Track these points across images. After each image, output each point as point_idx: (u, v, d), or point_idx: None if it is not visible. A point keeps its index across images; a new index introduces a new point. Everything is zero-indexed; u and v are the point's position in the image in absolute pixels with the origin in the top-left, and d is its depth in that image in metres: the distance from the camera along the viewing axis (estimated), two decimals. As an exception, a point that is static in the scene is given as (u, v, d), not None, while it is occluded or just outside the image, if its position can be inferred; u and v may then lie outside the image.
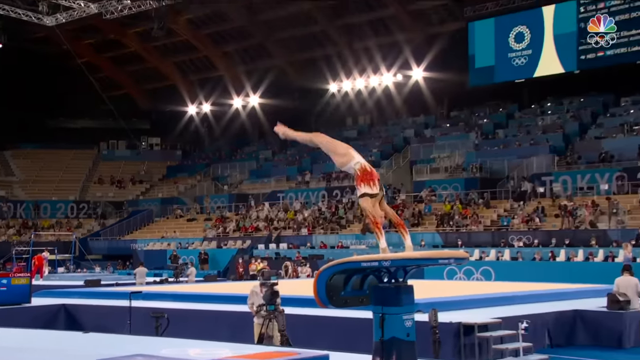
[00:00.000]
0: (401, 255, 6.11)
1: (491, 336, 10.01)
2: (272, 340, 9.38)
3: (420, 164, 35.94)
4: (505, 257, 24.93)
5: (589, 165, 30.28)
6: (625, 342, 11.88)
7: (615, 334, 12.01)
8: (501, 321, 10.47)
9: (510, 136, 35.65)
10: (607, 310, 12.35)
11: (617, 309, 12.13)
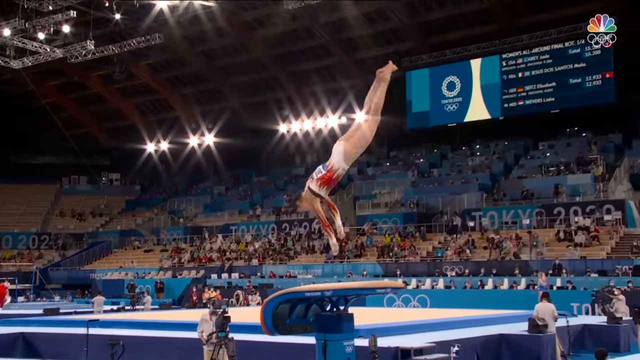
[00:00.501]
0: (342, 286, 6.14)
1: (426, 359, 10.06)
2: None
3: (362, 199, 36.22)
4: (439, 285, 25.17)
5: (512, 202, 31.03)
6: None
7: (535, 355, 12.24)
8: (435, 345, 10.55)
9: (443, 175, 36.32)
10: (528, 334, 12.59)
11: (537, 333, 12.39)
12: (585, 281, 22.60)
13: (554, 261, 24.63)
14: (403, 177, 37.19)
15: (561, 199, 29.52)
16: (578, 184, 29.84)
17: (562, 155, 33.49)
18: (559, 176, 31.12)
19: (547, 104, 32.86)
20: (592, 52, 31.55)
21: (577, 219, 27.69)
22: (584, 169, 30.94)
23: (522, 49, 33.49)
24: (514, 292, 22.89)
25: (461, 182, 34.21)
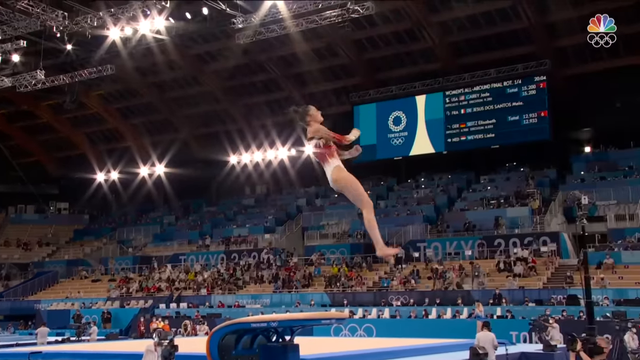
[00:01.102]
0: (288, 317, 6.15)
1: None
2: (168, 397, 9.02)
3: (311, 230, 36.26)
4: (385, 315, 25.25)
5: (455, 233, 31.57)
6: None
7: (477, 384, 12.39)
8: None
9: (390, 207, 36.73)
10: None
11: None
12: (524, 310, 23.07)
13: (494, 291, 25.09)
14: (350, 209, 37.35)
15: (501, 231, 30.20)
16: (517, 216, 30.62)
17: (502, 189, 34.39)
18: (499, 209, 31.87)
19: (488, 140, 33.85)
20: (528, 92, 32.78)
21: (515, 250, 28.35)
22: (522, 202, 31.81)
23: (464, 87, 34.51)
24: (456, 322, 23.15)
25: (406, 213, 34.64)
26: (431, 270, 28.56)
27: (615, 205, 29.26)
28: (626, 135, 32.58)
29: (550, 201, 31.58)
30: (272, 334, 6.07)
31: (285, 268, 32.71)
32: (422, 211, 34.43)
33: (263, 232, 37.47)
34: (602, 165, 33.21)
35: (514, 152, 35.11)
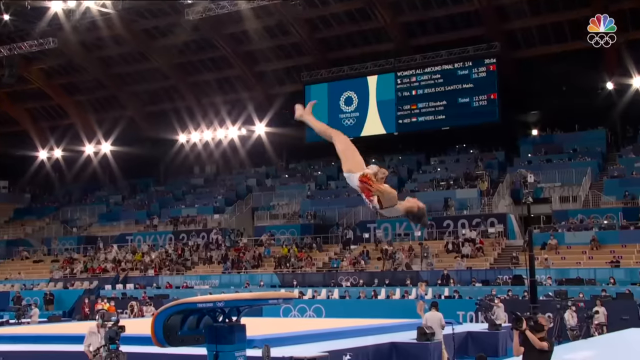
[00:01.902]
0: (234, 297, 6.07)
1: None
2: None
3: (261, 210, 36.11)
4: (334, 295, 25.44)
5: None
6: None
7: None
8: (328, 355, 10.61)
9: (340, 187, 36.85)
10: (416, 342, 12.96)
11: (424, 341, 12.78)
12: (471, 290, 23.59)
13: (442, 271, 25.55)
14: (301, 189, 37.45)
15: (450, 212, 30.71)
16: (465, 198, 31.19)
17: (451, 170, 34.91)
18: (449, 190, 32.38)
19: (439, 121, 34.22)
20: (478, 74, 33.22)
21: (464, 232, 28.90)
22: (471, 184, 32.39)
23: (416, 68, 34.72)
24: (405, 302, 23.48)
25: (357, 194, 34.64)
26: (381, 251, 28.86)
27: (559, 187, 30.10)
28: (571, 119, 33.48)
29: (498, 183, 32.26)
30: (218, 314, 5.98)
31: (235, 249, 32.54)
32: (372, 192, 34.57)
33: (212, 213, 37.13)
34: (548, 147, 34.07)
35: (464, 134, 35.64)
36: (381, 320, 18.02)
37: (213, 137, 40.57)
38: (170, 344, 5.98)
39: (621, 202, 27.98)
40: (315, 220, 33.60)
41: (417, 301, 19.00)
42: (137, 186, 45.53)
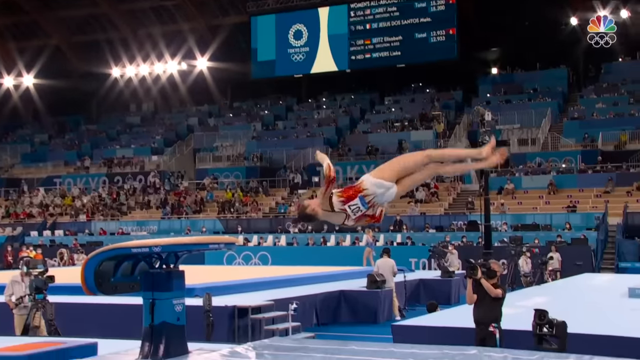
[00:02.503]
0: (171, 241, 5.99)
1: (263, 318, 10.21)
2: (38, 330, 8.74)
3: (203, 152, 35.72)
4: (281, 242, 25.60)
5: (357, 157, 32.13)
6: (380, 317, 12.82)
7: (372, 311, 12.91)
8: (273, 303, 10.71)
9: (289, 128, 36.70)
10: (366, 290, 13.21)
11: (375, 288, 13.03)
12: (424, 237, 24.10)
13: (395, 217, 25.95)
14: (246, 129, 37.11)
15: (404, 155, 30.95)
16: (420, 140, 31.51)
17: (406, 110, 35.10)
18: (403, 132, 32.63)
19: (394, 58, 34.11)
20: (436, 7, 33.09)
21: (418, 176, 29.22)
22: (426, 125, 32.70)
23: (370, 0, 34.30)
24: (356, 249, 23.82)
25: (306, 135, 34.76)
26: (331, 195, 28.98)
27: (518, 130, 30.69)
28: (533, 57, 33.89)
29: (455, 124, 32.66)
30: (155, 260, 5.90)
31: (175, 193, 32.26)
32: (322, 133, 34.66)
33: (150, 154, 36.53)
34: (507, 87, 34.54)
35: (420, 72, 35.69)
36: (330, 267, 18.27)
37: (150, 71, 39.50)
38: (102, 292, 5.89)
39: (580, 145, 28.80)
40: (261, 163, 33.48)
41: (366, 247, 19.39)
42: (65, 124, 44.23)
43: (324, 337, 9.63)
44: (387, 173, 4.57)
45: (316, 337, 9.47)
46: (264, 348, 5.35)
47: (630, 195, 24.69)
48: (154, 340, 5.68)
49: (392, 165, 4.61)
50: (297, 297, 11.21)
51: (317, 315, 12.45)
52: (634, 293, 10.96)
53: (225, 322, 9.95)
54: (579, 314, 8.69)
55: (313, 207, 4.50)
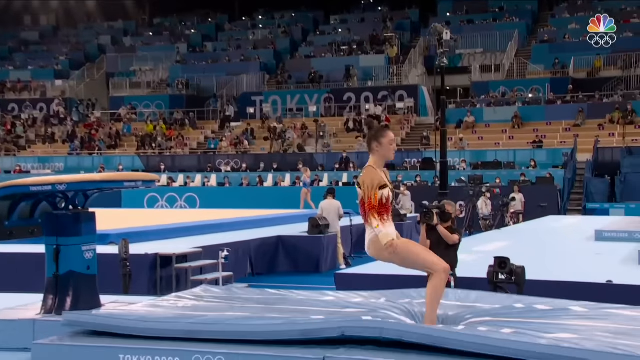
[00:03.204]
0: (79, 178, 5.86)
1: (190, 267, 10.21)
2: None
3: (118, 77, 34.92)
4: (211, 182, 25.52)
5: (299, 85, 31.99)
6: (322, 265, 13.00)
7: (314, 259, 13.06)
8: (202, 251, 10.72)
9: (219, 50, 36.14)
10: (307, 235, 13.33)
11: (317, 234, 13.16)
12: (374, 176, 24.31)
13: (341, 154, 26.10)
14: (169, 51, 36.34)
15: (352, 83, 31.03)
16: (371, 66, 31.53)
17: (355, 32, 34.93)
18: (351, 57, 32.54)
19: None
20: None
21: (368, 107, 29.42)
22: (377, 49, 32.67)
23: None
24: (296, 190, 23.88)
25: (240, 59, 34.32)
26: (268, 129, 28.96)
27: (481, 55, 30.99)
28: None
29: (410, 49, 32.72)
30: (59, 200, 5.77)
31: (85, 125, 31.61)
32: (258, 57, 34.27)
33: (53, 78, 35.47)
34: (470, 6, 34.64)
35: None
36: (267, 210, 18.36)
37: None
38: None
39: (549, 72, 29.32)
40: (187, 91, 33.00)
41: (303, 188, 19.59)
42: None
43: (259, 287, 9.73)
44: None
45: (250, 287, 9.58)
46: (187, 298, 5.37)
47: (602, 129, 25.42)
48: (60, 292, 5.60)
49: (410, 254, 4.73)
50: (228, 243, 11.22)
51: (251, 264, 12.52)
52: (600, 236, 11.40)
53: (146, 272, 9.91)
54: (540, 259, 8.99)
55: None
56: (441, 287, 4.64)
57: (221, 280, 10.08)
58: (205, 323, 4.23)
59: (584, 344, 3.66)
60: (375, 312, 4.59)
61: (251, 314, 4.46)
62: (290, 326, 4.07)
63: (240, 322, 4.19)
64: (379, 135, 4.74)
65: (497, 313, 4.68)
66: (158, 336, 4.26)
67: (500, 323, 4.26)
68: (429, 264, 4.65)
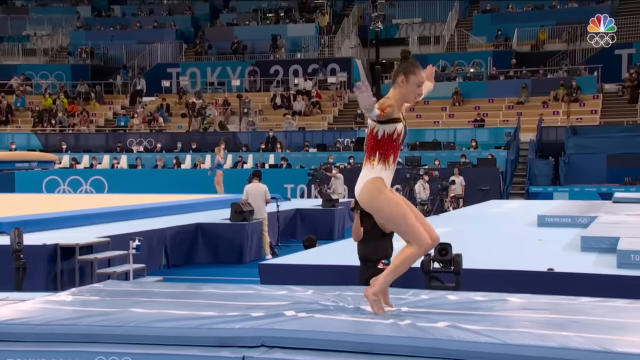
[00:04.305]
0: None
1: (96, 259, 10.07)
2: None
3: (8, 42, 34.07)
4: (122, 164, 25.20)
5: (220, 56, 31.79)
6: (246, 255, 12.99)
7: (237, 248, 13.04)
8: (109, 240, 10.59)
9: (129, 15, 35.54)
10: (229, 222, 13.30)
11: (241, 220, 13.13)
12: (303, 158, 24.46)
13: (267, 133, 26.09)
14: (69, 14, 35.56)
15: (279, 55, 31.00)
16: (300, 36, 31.54)
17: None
18: (278, 25, 32.48)
19: None
20: None
21: (296, 81, 29.45)
22: (307, 17, 32.68)
23: None
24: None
25: (153, 26, 33.87)
26: (186, 105, 28.72)
27: (419, 25, 31.34)
28: None
29: (343, 17, 32.84)
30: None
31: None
32: (174, 24, 33.88)
33: None
34: (408, -28, 34.91)
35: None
36: (185, 195, 18.23)
37: None
38: None
39: (492, 45, 29.88)
40: (92, 61, 32.40)
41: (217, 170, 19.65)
42: None
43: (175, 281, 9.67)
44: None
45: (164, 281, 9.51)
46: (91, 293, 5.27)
47: (546, 107, 26.10)
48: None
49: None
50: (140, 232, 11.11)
51: (167, 255, 12.43)
52: (543, 221, 11.71)
53: (44, 265, 9.73)
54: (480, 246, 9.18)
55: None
56: (411, 261, 4.55)
57: (132, 274, 9.96)
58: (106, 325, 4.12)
59: (508, 338, 3.75)
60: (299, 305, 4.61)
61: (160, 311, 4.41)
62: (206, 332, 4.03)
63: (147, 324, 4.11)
64: (409, 69, 4.46)
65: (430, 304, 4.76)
66: (50, 340, 4.15)
67: (429, 315, 4.34)
68: (414, 234, 4.48)
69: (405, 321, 4.16)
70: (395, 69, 4.55)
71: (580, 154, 22.35)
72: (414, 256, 4.54)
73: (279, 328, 4.02)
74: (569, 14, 30.02)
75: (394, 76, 4.54)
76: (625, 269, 7.20)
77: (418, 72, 4.48)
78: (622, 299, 4.92)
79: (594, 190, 20.26)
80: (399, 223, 4.53)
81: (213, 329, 4.05)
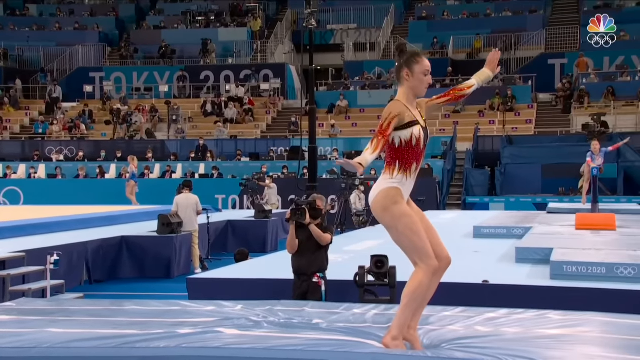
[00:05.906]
0: None
1: (9, 275, 9.90)
2: None
3: None
4: (39, 174, 24.79)
5: (147, 60, 31.53)
6: (174, 270, 12.88)
7: (164, 262, 12.92)
8: (24, 255, 10.42)
9: (47, 15, 35.01)
10: (156, 235, 13.17)
11: (168, 233, 13.01)
12: (235, 167, 24.42)
13: (197, 141, 25.94)
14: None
15: (210, 61, 30.90)
16: (231, 40, 31.51)
17: (213, 1, 34.75)
18: (208, 29, 32.41)
19: None
20: None
21: (228, 87, 29.39)
22: (239, 21, 32.67)
23: None
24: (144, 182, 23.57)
25: (74, 28, 33.46)
26: (110, 111, 28.42)
27: (354, 31, 31.59)
28: None
29: (277, 22, 32.92)
30: None
31: None
32: (97, 26, 33.49)
33: None
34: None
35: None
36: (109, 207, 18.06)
37: None
38: None
39: (428, 52, 30.26)
40: (7, 63, 31.89)
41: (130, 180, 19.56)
42: None
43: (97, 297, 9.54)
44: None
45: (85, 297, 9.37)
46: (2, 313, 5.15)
47: (482, 116, 26.59)
48: None
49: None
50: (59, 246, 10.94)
51: (88, 270, 12.27)
52: (478, 232, 11.95)
53: (-50, 282, 9.54)
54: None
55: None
56: (422, 289, 4.37)
57: (49, 290, 9.79)
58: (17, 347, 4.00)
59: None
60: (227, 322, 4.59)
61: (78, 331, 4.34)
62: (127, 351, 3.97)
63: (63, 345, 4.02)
64: (411, 61, 4.41)
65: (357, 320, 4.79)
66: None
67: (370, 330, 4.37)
68: (420, 253, 4.37)
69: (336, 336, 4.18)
70: (396, 66, 4.52)
71: (515, 164, 22.80)
72: (421, 284, 4.39)
73: (206, 347, 3.99)
74: (503, 23, 30.66)
75: (397, 73, 4.51)
76: (558, 280, 7.40)
77: (421, 60, 4.44)
78: (555, 310, 5.04)
79: (529, 201, 20.74)
80: (408, 239, 4.39)
81: (136, 347, 4.00)
